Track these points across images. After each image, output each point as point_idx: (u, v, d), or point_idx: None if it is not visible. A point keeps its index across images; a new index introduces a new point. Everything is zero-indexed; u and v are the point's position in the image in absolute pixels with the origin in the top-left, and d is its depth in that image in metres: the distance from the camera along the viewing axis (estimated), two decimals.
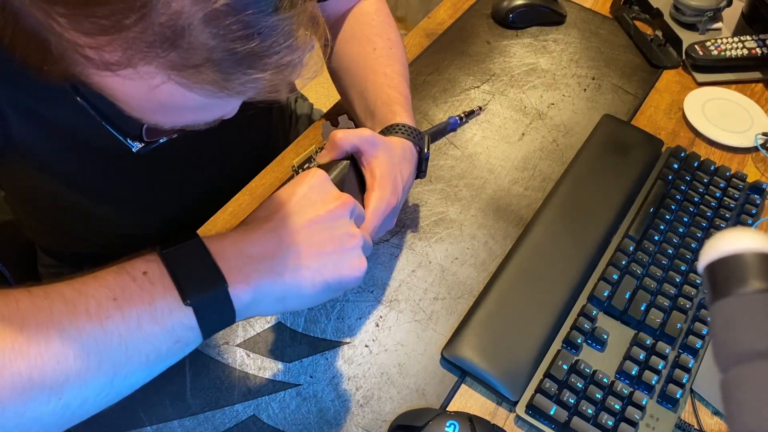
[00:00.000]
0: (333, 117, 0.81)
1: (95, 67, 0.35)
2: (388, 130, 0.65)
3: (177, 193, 0.77)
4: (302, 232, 0.48)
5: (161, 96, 0.36)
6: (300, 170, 0.60)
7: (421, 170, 0.68)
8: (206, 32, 0.34)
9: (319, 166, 0.58)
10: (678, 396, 0.60)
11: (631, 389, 0.60)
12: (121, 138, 0.48)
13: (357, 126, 0.74)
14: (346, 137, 0.57)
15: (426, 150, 0.66)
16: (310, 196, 0.50)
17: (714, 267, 0.35)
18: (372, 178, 0.58)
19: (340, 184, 0.55)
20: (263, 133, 0.90)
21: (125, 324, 0.41)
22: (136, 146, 0.49)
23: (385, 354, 0.63)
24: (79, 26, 0.33)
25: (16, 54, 0.37)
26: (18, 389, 0.38)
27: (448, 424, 0.55)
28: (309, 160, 0.61)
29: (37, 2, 0.33)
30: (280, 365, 0.61)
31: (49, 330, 0.39)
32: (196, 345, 0.45)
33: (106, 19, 0.32)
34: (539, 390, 0.60)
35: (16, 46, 0.37)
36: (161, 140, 0.50)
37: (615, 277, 0.67)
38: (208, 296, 0.43)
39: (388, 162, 0.59)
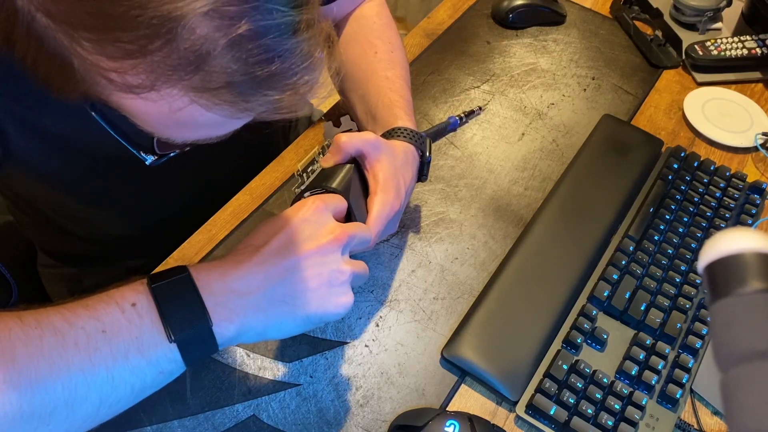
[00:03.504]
0: (335, 118, 0.81)
1: (119, 90, 0.35)
2: (389, 134, 0.65)
3: (178, 194, 0.77)
4: (290, 267, 0.48)
5: (181, 116, 0.37)
6: (304, 174, 0.60)
7: (422, 174, 0.68)
8: (228, 56, 0.34)
9: (323, 170, 0.58)
10: (678, 396, 0.60)
11: (631, 389, 0.60)
12: (134, 151, 0.48)
13: (359, 127, 0.74)
14: (350, 141, 0.58)
15: (428, 154, 0.67)
16: (303, 230, 0.50)
17: (714, 267, 0.35)
18: (375, 182, 0.58)
19: (346, 188, 0.55)
20: (263, 133, 0.90)
21: (112, 357, 0.42)
22: (150, 159, 0.49)
23: (385, 354, 0.63)
24: (103, 50, 0.34)
25: (38, 74, 0.37)
26: (9, 418, 0.39)
27: (448, 424, 0.55)
28: (312, 162, 0.61)
29: (63, 26, 0.34)
30: (280, 365, 0.61)
31: (39, 362, 0.40)
32: (179, 373, 0.46)
33: (132, 44, 0.33)
34: (539, 390, 0.60)
35: (39, 67, 0.37)
36: (173, 153, 0.50)
37: (615, 277, 0.67)
38: (193, 333, 0.44)
39: (391, 166, 0.59)
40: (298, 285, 0.49)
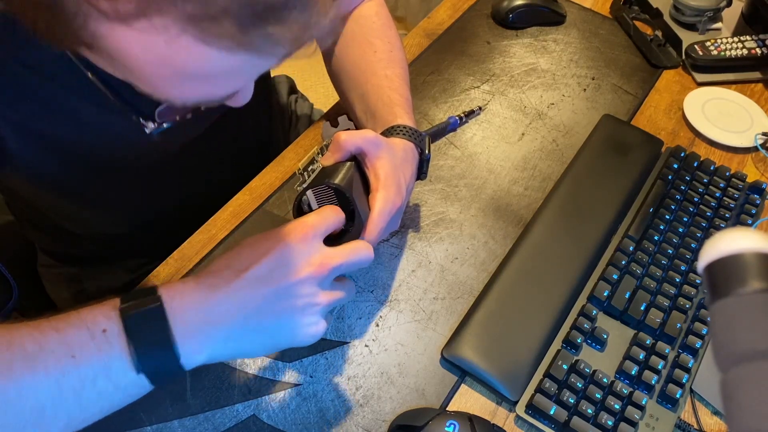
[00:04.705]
0: (333, 118, 0.81)
1: (109, 20, 0.34)
2: (389, 132, 0.65)
3: (178, 193, 0.77)
4: (267, 298, 0.48)
5: (177, 57, 0.36)
6: (305, 173, 0.60)
7: (422, 171, 0.68)
8: None
9: (324, 168, 0.58)
10: (678, 396, 0.60)
11: (631, 389, 0.60)
12: (133, 116, 0.47)
13: (357, 127, 0.74)
14: (350, 139, 0.57)
15: (427, 151, 0.66)
16: (285, 259, 0.49)
17: (714, 267, 0.35)
18: (376, 180, 0.58)
19: (349, 185, 0.55)
20: (263, 133, 0.90)
21: (81, 382, 0.43)
22: (150, 127, 0.48)
23: (385, 354, 0.63)
24: None
25: (26, 15, 0.36)
26: None
27: (448, 424, 0.55)
28: (312, 161, 0.61)
29: None
30: (280, 365, 0.61)
31: (8, 385, 0.41)
32: (147, 392, 0.46)
33: None
34: (539, 390, 0.60)
35: (26, 9, 0.36)
36: (172, 123, 0.49)
37: (615, 277, 0.67)
38: (160, 365, 0.44)
39: (391, 163, 0.59)
40: (271, 316, 0.48)
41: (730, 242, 0.35)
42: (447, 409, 0.60)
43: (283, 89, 1.03)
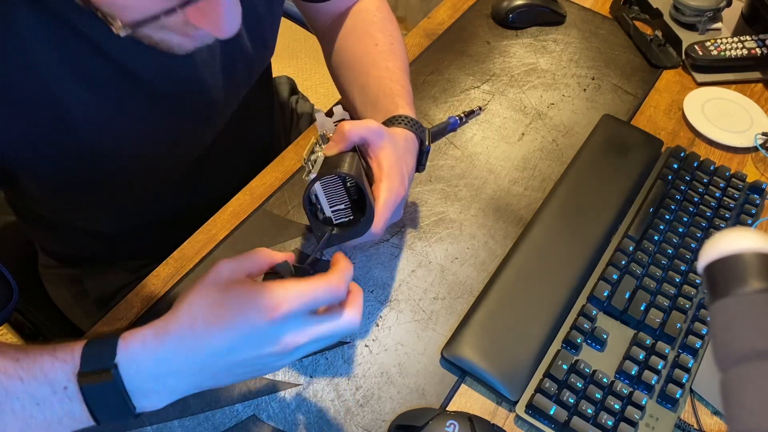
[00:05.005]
0: (328, 109, 0.81)
1: None
2: (390, 122, 0.65)
3: (178, 193, 0.77)
4: (225, 369, 0.47)
5: None
6: (309, 162, 0.59)
7: (421, 163, 0.67)
8: None
9: (327, 158, 0.57)
10: (678, 396, 0.60)
11: (631, 389, 0.60)
12: (99, 15, 0.45)
13: (354, 118, 0.74)
14: (354, 129, 0.57)
15: (427, 143, 0.66)
16: (248, 337, 0.46)
17: (713, 267, 0.35)
18: (380, 170, 0.58)
19: (359, 173, 0.55)
20: (265, 133, 0.90)
21: (47, 424, 0.46)
22: (117, 26, 0.45)
23: (385, 354, 0.63)
24: None
25: None
26: None
27: (448, 424, 0.55)
28: (312, 151, 0.61)
29: None
30: None
31: None
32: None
33: None
34: (539, 390, 0.60)
35: None
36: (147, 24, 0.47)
37: (615, 277, 0.67)
38: (119, 417, 0.47)
39: (394, 153, 0.59)
40: (229, 378, 0.49)
41: (730, 242, 0.35)
42: (447, 409, 0.60)
43: (284, 90, 1.03)
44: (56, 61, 0.52)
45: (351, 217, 0.58)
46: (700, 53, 0.91)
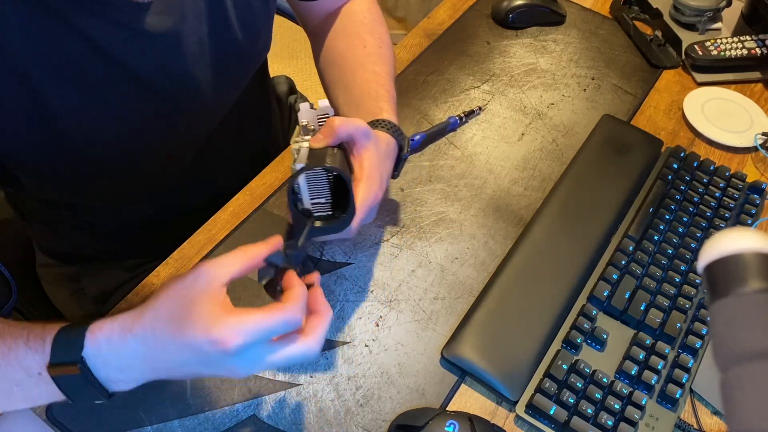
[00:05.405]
0: (313, 102, 0.81)
1: None
2: (373, 124, 0.65)
3: (175, 191, 0.77)
4: (187, 372, 0.49)
5: None
6: (295, 151, 0.59)
7: (396, 170, 0.68)
8: None
9: (314, 150, 0.57)
10: (677, 396, 0.60)
11: (631, 389, 0.60)
12: None
13: (336, 113, 0.74)
14: (343, 125, 0.57)
15: (406, 150, 0.67)
16: (204, 362, 0.46)
17: (713, 267, 0.35)
18: (361, 169, 0.58)
19: (344, 168, 0.55)
20: (263, 132, 0.90)
21: (30, 399, 0.50)
22: None
23: (385, 354, 0.63)
24: None
25: None
26: None
27: (448, 424, 0.55)
28: (296, 140, 0.61)
29: None
30: None
31: None
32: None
33: None
34: (539, 390, 0.60)
35: None
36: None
37: (615, 277, 0.67)
38: (94, 399, 0.49)
39: (377, 155, 0.59)
40: (194, 376, 0.51)
41: (729, 242, 0.35)
42: (447, 409, 0.60)
43: (282, 90, 1.03)
44: (30, 43, 0.52)
45: (329, 212, 0.58)
46: (700, 53, 0.91)
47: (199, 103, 0.66)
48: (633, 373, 0.61)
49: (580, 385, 0.60)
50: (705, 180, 0.77)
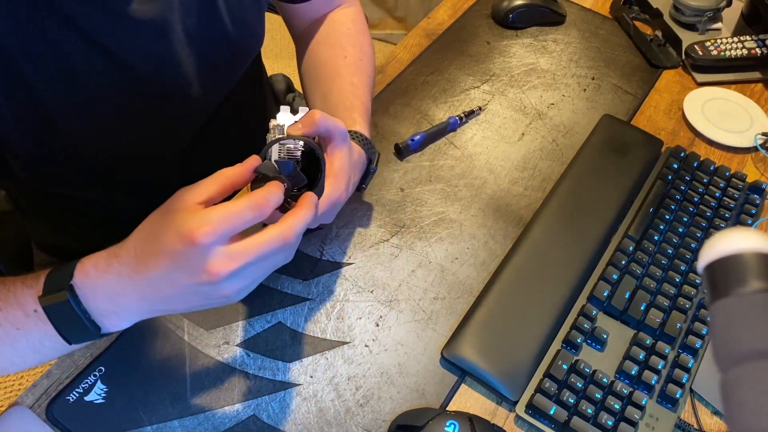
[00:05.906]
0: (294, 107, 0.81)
1: None
2: None
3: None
4: (168, 295, 0.49)
5: None
6: (269, 134, 0.58)
7: (363, 183, 0.68)
8: None
9: (288, 136, 0.57)
10: (678, 396, 0.60)
11: (631, 389, 0.60)
12: None
13: None
14: (323, 119, 0.56)
15: (375, 164, 0.67)
16: (181, 264, 0.46)
17: (713, 267, 0.35)
18: (331, 167, 0.58)
19: (320, 149, 0.55)
20: (260, 130, 0.90)
21: (31, 345, 0.51)
22: None
23: (385, 354, 0.63)
24: None
25: None
26: None
27: (448, 424, 0.55)
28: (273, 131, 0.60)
29: None
30: (280, 365, 0.61)
31: None
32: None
33: None
34: (539, 390, 0.60)
35: None
36: None
37: (615, 277, 0.67)
38: (86, 336, 0.50)
39: (348, 160, 0.59)
40: (178, 303, 0.50)
41: (729, 242, 0.35)
42: (447, 409, 0.60)
43: (280, 88, 1.04)
44: (15, 29, 0.52)
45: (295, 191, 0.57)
46: (700, 53, 0.91)
47: (186, 90, 0.67)
48: (633, 373, 0.61)
49: (580, 385, 0.60)
50: (705, 180, 0.77)
